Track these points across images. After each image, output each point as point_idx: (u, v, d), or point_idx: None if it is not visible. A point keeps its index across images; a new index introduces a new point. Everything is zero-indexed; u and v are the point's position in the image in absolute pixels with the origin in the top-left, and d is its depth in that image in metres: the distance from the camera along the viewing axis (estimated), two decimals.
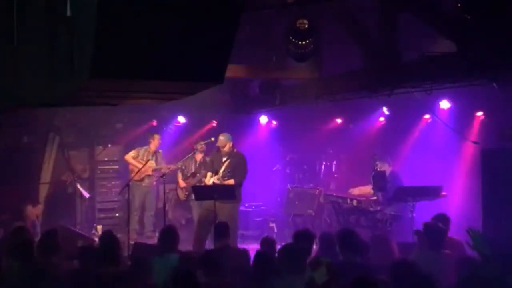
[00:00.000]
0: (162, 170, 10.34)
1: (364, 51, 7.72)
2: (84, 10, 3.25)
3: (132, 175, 10.09)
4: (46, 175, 10.90)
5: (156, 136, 10.72)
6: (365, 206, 9.07)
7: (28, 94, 3.92)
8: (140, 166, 10.18)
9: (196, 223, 9.21)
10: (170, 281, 4.30)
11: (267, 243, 6.20)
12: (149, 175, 10.54)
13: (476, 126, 9.36)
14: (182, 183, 10.49)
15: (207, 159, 9.92)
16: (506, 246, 5.96)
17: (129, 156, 10.68)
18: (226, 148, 8.83)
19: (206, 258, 5.03)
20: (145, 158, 10.44)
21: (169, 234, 6.07)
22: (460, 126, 9.17)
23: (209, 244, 8.50)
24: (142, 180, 10.51)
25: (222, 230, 6.52)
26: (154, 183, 10.63)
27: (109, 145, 11.59)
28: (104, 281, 4.50)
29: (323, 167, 11.45)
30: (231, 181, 8.72)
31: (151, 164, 10.47)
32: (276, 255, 5.46)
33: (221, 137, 8.92)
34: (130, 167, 10.64)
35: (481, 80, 6.63)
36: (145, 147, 10.73)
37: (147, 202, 10.72)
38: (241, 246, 8.21)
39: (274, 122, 12.36)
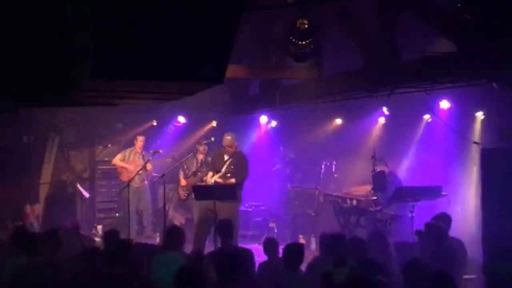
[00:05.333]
0: (148, 168, 10.39)
1: (364, 51, 7.72)
2: (84, 11, 3.25)
3: (124, 177, 10.13)
4: (46, 175, 10.90)
5: (140, 138, 10.87)
6: (365, 206, 9.06)
7: (29, 94, 3.92)
8: (127, 166, 10.39)
9: (196, 223, 9.21)
10: (174, 279, 4.28)
11: (270, 244, 6.21)
12: (139, 175, 10.54)
13: (476, 126, 9.35)
14: (183, 182, 10.50)
15: (208, 158, 9.93)
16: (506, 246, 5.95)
17: (117, 160, 10.77)
18: (232, 148, 8.84)
19: (218, 257, 5.02)
20: (131, 158, 10.53)
21: (173, 234, 6.08)
22: (460, 126, 9.17)
23: (209, 244, 8.50)
24: (132, 180, 10.50)
25: (226, 230, 6.51)
26: (146, 182, 10.65)
27: (109, 145, 11.60)
28: (105, 282, 4.50)
29: (323, 167, 11.45)
30: (232, 180, 8.72)
31: (140, 163, 10.49)
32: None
33: (228, 137, 8.91)
34: (119, 169, 10.69)
35: (481, 80, 6.62)
36: (130, 149, 10.82)
37: (141, 202, 10.70)
38: (241, 246, 8.21)
39: (274, 122, 12.36)
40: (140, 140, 10.82)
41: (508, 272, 4.66)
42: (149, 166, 10.48)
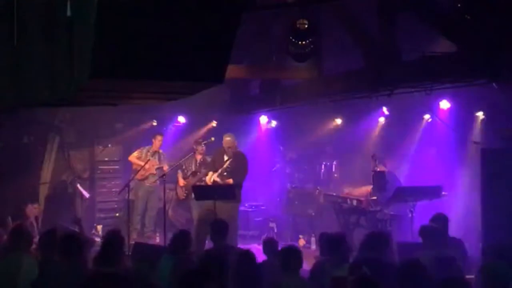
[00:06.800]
0: (165, 168, 10.42)
1: (364, 51, 7.72)
2: (84, 10, 3.25)
3: (133, 175, 10.14)
4: (46, 175, 10.90)
5: (158, 137, 10.87)
6: (365, 206, 9.07)
7: (28, 94, 3.91)
8: (142, 164, 10.29)
9: (195, 223, 9.21)
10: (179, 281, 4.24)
11: (270, 244, 6.19)
12: (153, 174, 10.60)
13: (476, 126, 9.35)
14: (182, 182, 10.50)
15: (208, 158, 9.94)
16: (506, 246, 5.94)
17: (133, 157, 10.79)
18: (232, 148, 8.84)
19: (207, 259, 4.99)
20: (148, 157, 10.54)
21: (180, 238, 6.08)
22: (460, 126, 9.17)
23: (209, 244, 8.49)
24: (146, 179, 10.56)
25: (221, 231, 6.49)
26: (158, 182, 10.68)
27: (109, 145, 11.61)
28: (104, 281, 4.48)
29: (323, 167, 11.45)
30: (230, 180, 8.72)
31: (155, 163, 10.55)
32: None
33: (227, 138, 8.92)
34: (134, 167, 10.70)
35: (481, 80, 6.63)
36: (147, 147, 10.83)
37: (150, 201, 10.76)
38: (241, 246, 8.20)
39: (274, 122, 12.36)
40: (158, 140, 10.85)
41: (503, 272, 4.66)
42: (166, 167, 10.48)
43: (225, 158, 8.86)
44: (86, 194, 10.93)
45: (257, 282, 4.88)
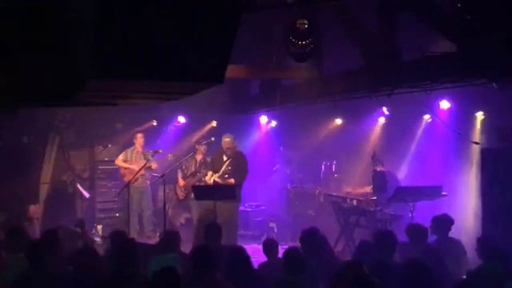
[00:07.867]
0: (153, 167, 10.42)
1: (364, 51, 7.71)
2: (84, 10, 3.25)
3: (129, 178, 10.12)
4: (46, 175, 10.90)
5: (138, 135, 10.88)
6: (365, 206, 9.07)
7: (29, 94, 3.92)
8: (131, 167, 10.39)
9: (196, 223, 9.21)
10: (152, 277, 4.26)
11: (270, 245, 6.19)
12: (142, 175, 10.56)
13: (476, 126, 9.35)
14: (181, 182, 10.50)
15: (208, 159, 9.93)
16: (506, 246, 5.95)
17: (119, 161, 10.79)
18: (232, 149, 8.84)
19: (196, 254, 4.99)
20: (133, 159, 10.57)
21: (169, 238, 6.08)
22: (460, 126, 9.17)
23: None
24: (136, 180, 10.52)
25: (215, 231, 6.47)
26: (148, 182, 10.67)
27: (109, 145, 11.60)
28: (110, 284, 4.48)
29: (323, 167, 11.45)
30: (232, 180, 8.72)
31: (142, 163, 10.52)
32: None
33: (227, 139, 8.92)
34: (121, 171, 10.69)
35: (481, 80, 6.62)
36: (131, 148, 10.82)
37: (143, 202, 10.75)
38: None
39: (274, 122, 12.36)
40: (139, 137, 10.82)
41: (494, 274, 4.67)
42: (154, 165, 10.50)
43: (224, 158, 8.86)
44: (86, 194, 10.93)
45: (252, 279, 4.89)
